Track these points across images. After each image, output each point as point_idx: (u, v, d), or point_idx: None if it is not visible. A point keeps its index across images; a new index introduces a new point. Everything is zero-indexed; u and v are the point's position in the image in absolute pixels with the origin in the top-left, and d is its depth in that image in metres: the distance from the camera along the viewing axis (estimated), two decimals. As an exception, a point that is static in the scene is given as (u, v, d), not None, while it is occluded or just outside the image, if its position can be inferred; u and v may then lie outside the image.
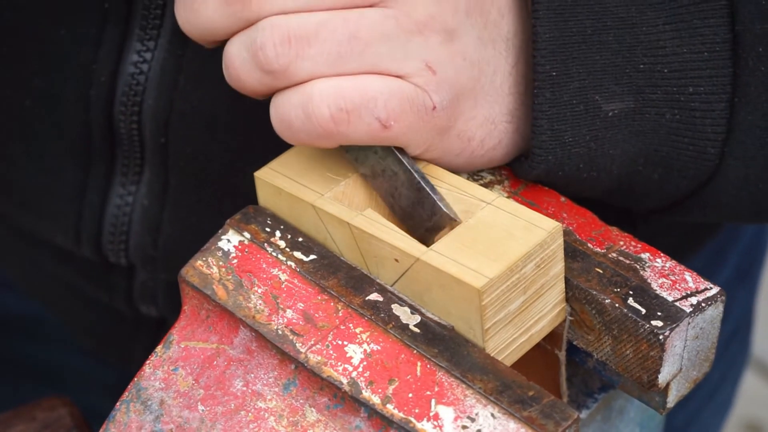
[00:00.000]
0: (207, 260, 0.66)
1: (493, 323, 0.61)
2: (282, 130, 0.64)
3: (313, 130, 0.63)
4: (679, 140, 0.69)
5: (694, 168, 0.70)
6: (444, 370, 0.60)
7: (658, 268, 0.65)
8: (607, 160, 0.68)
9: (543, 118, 0.66)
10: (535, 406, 0.59)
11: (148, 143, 0.78)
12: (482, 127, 0.67)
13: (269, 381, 0.63)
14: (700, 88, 0.67)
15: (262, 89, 0.64)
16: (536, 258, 0.62)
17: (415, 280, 0.63)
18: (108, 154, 0.80)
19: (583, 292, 0.64)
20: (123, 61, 0.77)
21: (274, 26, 0.62)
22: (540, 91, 0.66)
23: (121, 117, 0.78)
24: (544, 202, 0.68)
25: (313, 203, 0.65)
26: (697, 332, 0.63)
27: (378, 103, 0.62)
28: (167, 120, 0.77)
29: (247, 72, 0.63)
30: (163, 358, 0.66)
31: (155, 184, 0.80)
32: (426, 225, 0.65)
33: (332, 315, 0.63)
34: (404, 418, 0.59)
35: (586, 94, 0.67)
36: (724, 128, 0.68)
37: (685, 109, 0.68)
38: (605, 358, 0.65)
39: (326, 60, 0.62)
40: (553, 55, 0.66)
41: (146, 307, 0.88)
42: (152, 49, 0.76)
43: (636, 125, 0.68)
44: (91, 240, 0.83)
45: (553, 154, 0.67)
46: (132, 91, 0.77)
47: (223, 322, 0.65)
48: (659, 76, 0.67)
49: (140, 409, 0.65)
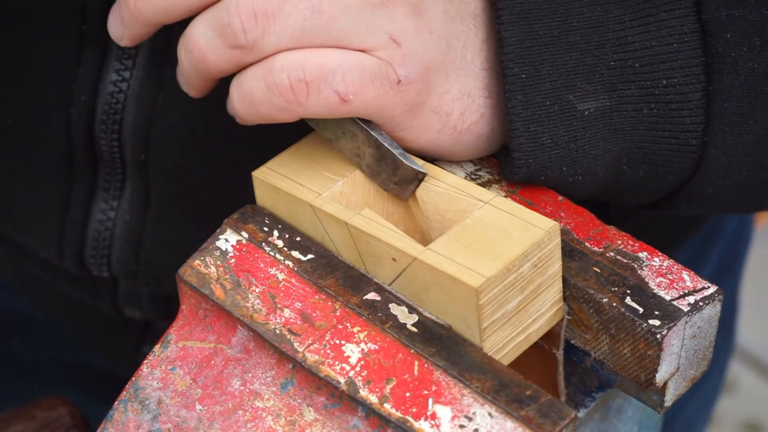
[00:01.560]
0: (205, 260, 0.66)
1: (490, 322, 0.61)
2: (244, 105, 0.65)
3: (274, 101, 0.64)
4: (660, 134, 0.69)
5: (677, 161, 0.70)
6: (441, 370, 0.60)
7: (656, 267, 0.65)
8: (590, 162, 0.69)
9: (518, 121, 0.67)
10: (532, 405, 0.59)
11: (129, 160, 0.79)
12: (459, 100, 0.67)
13: (267, 380, 0.63)
14: (673, 80, 0.68)
15: (227, 66, 0.65)
16: (533, 257, 0.62)
17: (412, 279, 0.63)
18: (90, 170, 0.81)
19: (581, 291, 0.64)
20: (102, 81, 0.77)
21: (240, 3, 0.63)
22: (512, 94, 0.66)
23: (102, 135, 0.78)
24: (542, 201, 0.68)
25: (310, 203, 0.65)
26: (695, 331, 0.63)
27: (336, 76, 0.63)
28: (147, 137, 0.78)
29: (213, 50, 0.64)
30: (160, 358, 0.66)
31: (136, 199, 0.80)
32: (393, 179, 0.66)
33: (330, 314, 0.63)
34: (402, 417, 0.59)
35: (560, 95, 0.67)
36: (702, 118, 0.69)
37: (661, 102, 0.68)
38: (603, 357, 0.65)
39: (291, 34, 0.63)
40: (520, 59, 0.66)
41: (131, 310, 0.89)
42: (131, 68, 0.77)
43: (614, 123, 0.68)
44: (74, 254, 0.83)
45: (533, 156, 0.67)
46: (111, 110, 0.78)
47: (220, 321, 0.65)
48: (631, 71, 0.68)
49: (138, 408, 0.65)
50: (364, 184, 0.67)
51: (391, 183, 0.66)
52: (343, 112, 0.64)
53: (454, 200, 0.65)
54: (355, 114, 0.64)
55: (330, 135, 0.67)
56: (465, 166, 0.70)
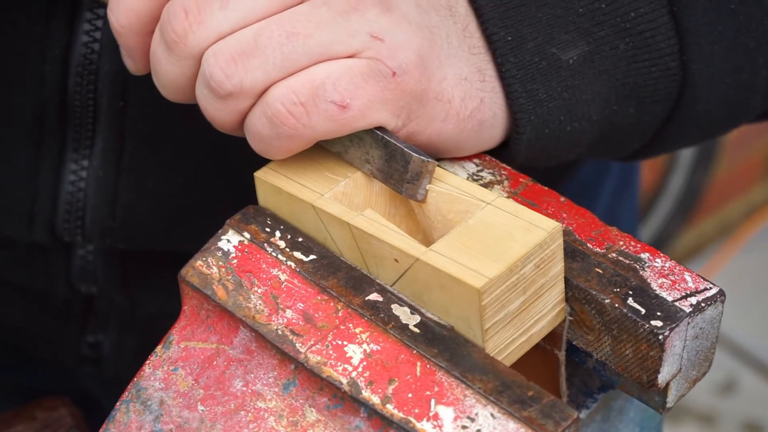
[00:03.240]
0: (207, 260, 0.66)
1: (492, 323, 0.61)
2: (257, 146, 0.66)
3: (280, 132, 0.64)
4: (640, 66, 0.72)
5: (662, 87, 0.73)
6: (444, 370, 0.60)
7: (658, 268, 0.65)
8: (583, 107, 0.71)
9: (515, 83, 0.68)
10: (534, 406, 0.59)
11: (105, 110, 0.79)
12: (458, 86, 0.68)
13: (269, 381, 0.63)
14: (640, 10, 0.71)
15: (228, 118, 0.66)
16: (536, 258, 0.62)
17: (414, 280, 0.63)
18: (60, 130, 0.80)
19: (583, 292, 0.64)
20: (75, 32, 0.77)
21: (216, 52, 0.64)
22: (504, 58, 0.68)
23: (77, 89, 0.78)
24: (544, 202, 0.68)
25: (313, 203, 0.65)
26: (697, 332, 0.63)
27: (327, 87, 0.63)
28: (125, 83, 0.78)
29: (213, 107, 0.65)
30: (162, 358, 0.66)
31: (109, 153, 0.80)
32: (406, 177, 0.65)
33: (332, 315, 0.63)
34: (404, 418, 0.59)
35: (544, 50, 0.69)
36: (675, 39, 0.72)
37: (634, 34, 0.71)
38: (605, 358, 0.65)
39: (274, 64, 0.63)
40: (502, 22, 0.68)
41: (86, 285, 0.88)
42: (103, 16, 0.77)
43: (597, 65, 0.71)
44: (45, 222, 0.83)
45: (535, 113, 0.69)
46: (87, 60, 0.78)
47: (222, 322, 0.65)
48: (599, 13, 0.70)
49: (140, 409, 0.65)
50: (366, 185, 0.67)
51: (404, 182, 0.65)
52: (350, 120, 0.64)
53: (457, 201, 0.65)
54: (362, 119, 0.64)
55: (338, 147, 0.67)
56: (467, 167, 0.70)
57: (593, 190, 1.03)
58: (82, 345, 0.93)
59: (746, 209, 2.41)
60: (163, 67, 0.66)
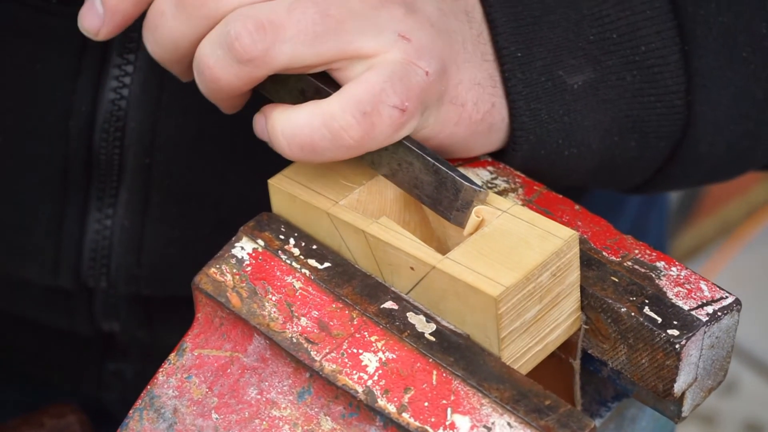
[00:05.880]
0: (221, 268, 0.66)
1: (509, 332, 0.61)
2: (304, 153, 0.64)
3: (342, 143, 0.63)
4: (645, 100, 0.72)
5: (666, 125, 0.73)
6: (460, 379, 0.60)
7: (674, 276, 0.64)
8: (582, 133, 0.71)
9: (519, 99, 0.68)
10: (551, 415, 0.59)
11: (130, 166, 0.78)
12: (471, 90, 0.68)
13: (284, 389, 0.63)
14: (651, 45, 0.71)
15: (238, 83, 0.64)
16: (552, 266, 0.62)
17: (430, 288, 0.63)
18: (85, 182, 0.80)
19: (599, 301, 0.64)
20: (102, 88, 0.77)
21: (246, 16, 0.62)
22: (511, 74, 0.68)
23: (102, 144, 0.78)
24: (559, 210, 0.68)
25: (327, 211, 0.65)
26: (713, 341, 0.63)
27: (388, 91, 0.63)
28: (152, 140, 0.77)
29: (224, 68, 0.63)
30: (176, 366, 0.65)
31: (135, 203, 0.80)
32: (455, 205, 0.64)
33: (347, 323, 0.63)
34: (420, 427, 0.59)
35: (551, 71, 0.69)
36: (683, 77, 0.72)
37: (643, 68, 0.71)
38: (620, 367, 0.65)
39: (304, 40, 0.62)
40: (514, 38, 0.68)
41: (108, 324, 0.87)
42: (131, 73, 0.76)
43: (601, 93, 0.71)
44: (70, 269, 0.82)
45: (533, 133, 0.69)
46: (113, 117, 0.77)
47: (236, 329, 0.65)
48: (610, 42, 0.70)
49: (153, 417, 0.65)
50: (380, 192, 0.67)
51: (453, 210, 0.64)
52: (404, 124, 0.63)
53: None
54: (412, 120, 0.64)
55: (386, 171, 0.66)
56: (481, 174, 0.69)
57: (619, 199, 1.02)
58: (104, 373, 0.92)
59: (746, 209, 2.40)
60: (166, 23, 0.64)
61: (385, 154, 0.65)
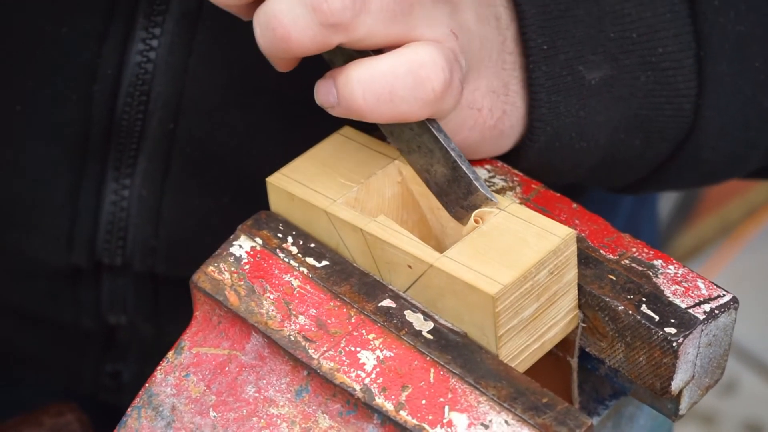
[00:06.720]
0: (219, 266, 0.66)
1: (506, 330, 0.61)
2: (379, 103, 0.62)
3: (422, 94, 0.62)
4: (656, 101, 0.72)
5: (672, 127, 0.73)
6: (457, 377, 0.60)
7: (671, 275, 0.64)
8: (594, 129, 0.71)
9: (541, 91, 0.69)
10: (549, 413, 0.59)
11: (154, 131, 0.77)
12: (487, 96, 0.68)
13: (281, 387, 0.63)
14: (668, 48, 0.72)
15: (312, 47, 0.62)
16: (550, 265, 0.62)
17: (428, 286, 0.63)
18: (103, 150, 0.79)
19: (596, 299, 0.64)
20: (128, 52, 0.76)
21: None
22: (536, 65, 0.69)
23: (126, 109, 0.77)
24: (556, 209, 0.68)
25: (325, 209, 0.65)
26: (710, 339, 0.63)
27: (454, 62, 0.63)
28: (178, 105, 0.76)
29: (302, 28, 0.61)
30: (174, 364, 0.65)
31: (154, 172, 0.79)
32: (462, 203, 0.65)
33: (345, 321, 0.63)
34: (418, 424, 0.59)
35: (572, 66, 0.70)
36: (696, 82, 0.72)
37: (657, 69, 0.72)
38: (618, 365, 0.65)
39: (384, 17, 0.61)
40: (541, 30, 0.69)
41: (115, 316, 0.87)
42: (158, 36, 0.75)
43: (615, 91, 0.71)
44: (85, 243, 0.81)
45: (551, 125, 0.70)
46: (139, 81, 0.76)
47: (235, 328, 0.65)
48: (629, 42, 0.71)
49: (152, 415, 0.65)
50: (378, 191, 0.67)
51: (458, 206, 0.65)
52: (456, 96, 0.63)
53: (469, 207, 0.65)
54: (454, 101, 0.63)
55: (403, 146, 0.66)
56: (479, 172, 0.70)
57: (614, 198, 1.03)
58: (101, 375, 0.92)
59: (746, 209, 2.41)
60: None
61: (408, 132, 0.65)
